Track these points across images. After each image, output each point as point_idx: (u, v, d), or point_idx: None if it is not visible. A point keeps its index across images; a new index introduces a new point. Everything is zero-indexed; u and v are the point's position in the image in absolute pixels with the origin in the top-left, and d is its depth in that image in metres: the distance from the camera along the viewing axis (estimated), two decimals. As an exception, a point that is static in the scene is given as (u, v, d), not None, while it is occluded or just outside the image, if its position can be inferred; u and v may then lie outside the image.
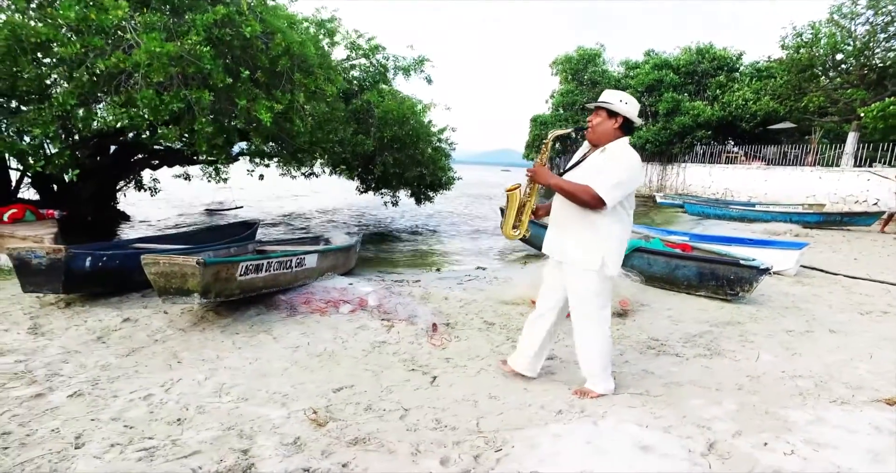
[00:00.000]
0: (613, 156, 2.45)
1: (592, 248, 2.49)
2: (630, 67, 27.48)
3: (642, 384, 2.91)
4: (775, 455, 2.12)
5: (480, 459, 2.05)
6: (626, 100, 2.49)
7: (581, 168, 2.54)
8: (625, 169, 2.40)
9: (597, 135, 2.52)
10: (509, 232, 2.75)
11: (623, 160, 2.43)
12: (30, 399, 2.52)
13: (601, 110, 2.49)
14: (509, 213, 2.74)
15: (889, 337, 3.89)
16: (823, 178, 16.15)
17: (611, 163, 2.42)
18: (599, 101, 2.51)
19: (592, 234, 2.49)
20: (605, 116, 2.48)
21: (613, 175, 2.38)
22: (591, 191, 2.36)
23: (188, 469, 1.94)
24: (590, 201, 2.38)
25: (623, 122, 2.48)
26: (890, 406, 2.66)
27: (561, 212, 2.61)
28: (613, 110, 2.46)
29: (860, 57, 16.70)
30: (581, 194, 2.39)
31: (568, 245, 2.57)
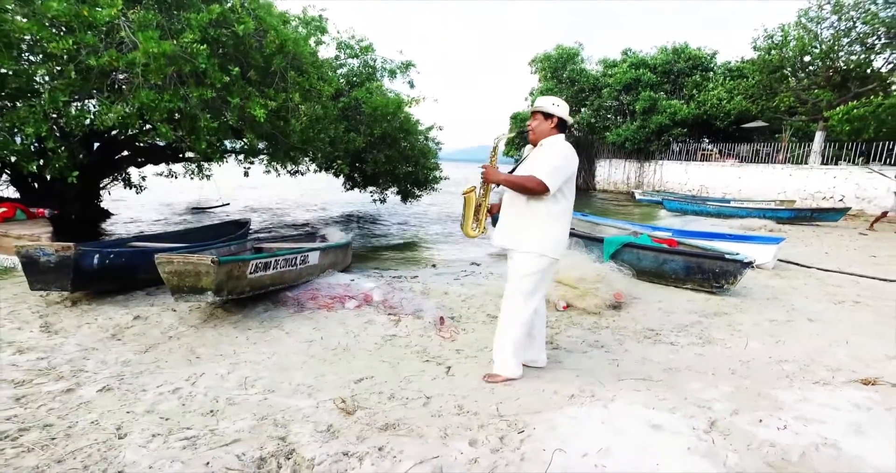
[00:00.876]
0: (548, 148, 2.74)
1: (533, 234, 2.73)
2: (608, 66, 27.93)
3: (643, 370, 3.11)
4: (770, 430, 2.34)
5: (505, 440, 2.22)
6: (558, 103, 2.78)
7: (525, 164, 2.82)
8: (560, 157, 2.68)
9: (536, 136, 2.80)
10: (469, 231, 2.94)
11: (557, 150, 2.71)
12: (61, 394, 2.59)
13: (538, 114, 2.78)
14: (467, 214, 2.93)
15: (861, 324, 4.20)
16: (793, 176, 16.80)
17: (547, 154, 2.71)
18: (535, 107, 2.79)
19: (534, 222, 2.73)
20: (542, 118, 2.78)
21: (551, 162, 2.66)
22: (535, 178, 2.63)
23: (232, 456, 2.05)
24: (535, 187, 2.64)
25: (558, 122, 2.77)
26: (866, 386, 2.92)
27: (509, 204, 2.84)
28: (547, 112, 2.75)
29: (826, 59, 17.38)
30: (527, 183, 2.65)
31: (512, 232, 2.80)
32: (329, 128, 7.12)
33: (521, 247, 2.76)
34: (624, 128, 25.28)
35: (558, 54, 27.95)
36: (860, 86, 16.92)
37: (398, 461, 2.02)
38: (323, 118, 6.94)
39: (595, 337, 3.73)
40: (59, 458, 2.01)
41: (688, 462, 2.06)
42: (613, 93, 26.26)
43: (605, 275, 4.72)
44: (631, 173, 26.35)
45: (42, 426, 2.26)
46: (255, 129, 6.19)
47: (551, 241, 2.74)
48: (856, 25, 16.89)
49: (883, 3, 16.09)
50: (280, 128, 6.40)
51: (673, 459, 2.07)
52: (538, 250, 2.72)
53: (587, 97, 27.81)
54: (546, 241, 2.73)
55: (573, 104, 28.16)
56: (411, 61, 10.63)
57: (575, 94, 27.79)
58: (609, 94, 26.50)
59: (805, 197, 16.02)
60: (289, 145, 6.88)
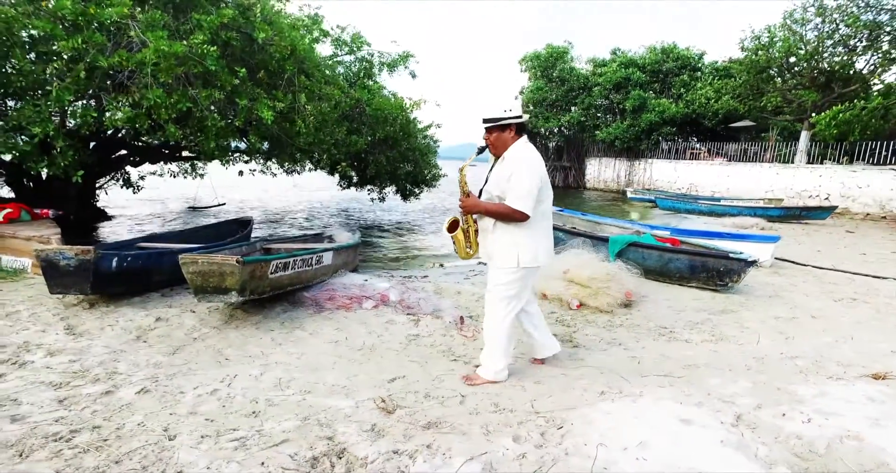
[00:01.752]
0: (511, 165, 2.67)
1: (508, 247, 2.75)
2: (597, 65, 28.16)
3: (663, 367, 3.22)
4: (795, 424, 2.45)
5: (546, 436, 2.30)
6: (508, 107, 2.70)
7: (493, 179, 2.78)
8: (528, 177, 2.62)
9: (498, 149, 2.75)
10: (466, 253, 2.94)
11: (522, 167, 2.64)
12: (101, 396, 2.61)
13: (493, 129, 2.70)
14: (460, 244, 2.94)
15: (861, 321, 4.37)
16: (780, 174, 17.16)
17: (513, 175, 2.64)
18: (488, 121, 2.70)
19: (509, 236, 2.74)
20: (498, 131, 2.71)
21: (520, 186, 2.62)
22: (510, 208, 2.62)
23: (285, 456, 2.10)
24: (515, 216, 2.64)
25: (516, 127, 2.71)
26: (876, 380, 3.06)
27: (483, 222, 2.86)
28: (503, 124, 2.69)
29: (811, 61, 17.76)
30: (509, 213, 2.64)
31: (489, 248, 2.83)
32: (334, 131, 7.14)
33: (499, 263, 2.78)
34: (614, 126, 25.54)
35: (548, 53, 28.14)
36: (843, 87, 17.32)
37: (448, 458, 2.09)
38: (329, 120, 6.96)
39: (612, 335, 3.84)
40: (116, 459, 2.04)
41: (722, 454, 2.16)
42: (604, 92, 26.52)
43: (615, 274, 4.83)
44: (621, 172, 26.63)
45: (90, 427, 2.29)
46: (261, 131, 6.19)
47: (528, 253, 2.75)
48: (839, 28, 17.28)
49: (864, 7, 16.49)
50: (286, 130, 6.41)
51: (708, 452, 2.17)
52: (513, 264, 2.75)
53: (577, 96, 28.04)
54: (523, 254, 2.74)
55: (563, 103, 28.40)
56: (409, 52, 10.60)
57: (565, 93, 28.03)
58: (599, 93, 26.75)
59: (792, 195, 16.38)
60: (294, 147, 6.89)
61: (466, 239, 2.93)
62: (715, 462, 2.08)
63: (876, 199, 14.48)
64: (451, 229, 2.93)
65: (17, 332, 3.42)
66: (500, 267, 2.78)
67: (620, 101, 25.87)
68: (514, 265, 2.74)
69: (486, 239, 2.85)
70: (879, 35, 16.31)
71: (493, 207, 2.72)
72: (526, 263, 2.75)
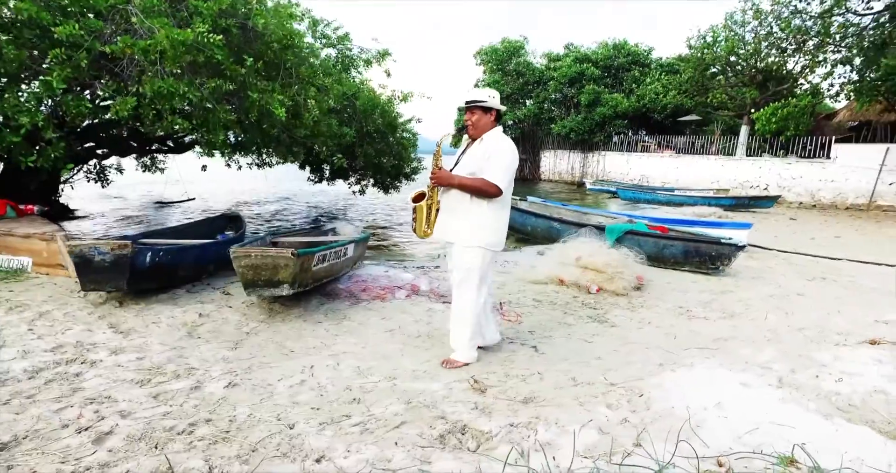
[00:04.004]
0: (492, 146, 2.83)
1: (476, 227, 2.86)
2: (552, 59, 28.94)
3: (696, 341, 3.58)
4: (829, 383, 2.85)
5: (633, 403, 2.56)
6: (493, 95, 2.88)
7: (466, 160, 2.91)
8: (508, 156, 2.80)
9: (477, 130, 2.88)
10: (424, 231, 3.04)
11: (502, 150, 2.81)
12: (192, 391, 2.62)
13: (476, 108, 2.85)
14: (420, 218, 3.03)
15: (839, 296, 4.96)
16: (725, 166, 18.46)
17: (493, 153, 2.80)
18: (473, 101, 2.85)
19: (477, 216, 2.86)
20: (481, 113, 2.85)
21: (500, 164, 2.78)
22: (488, 181, 2.75)
23: (413, 435, 2.24)
24: (490, 190, 2.76)
25: (496, 114, 2.89)
26: (873, 346, 3.55)
27: (450, 200, 2.94)
28: (487, 106, 2.85)
29: (750, 60, 19.15)
30: (483, 187, 2.76)
31: (456, 226, 2.91)
32: (331, 124, 7.11)
33: (467, 242, 2.88)
34: (569, 119, 26.41)
35: (504, 47, 28.59)
36: (777, 86, 18.84)
37: (562, 426, 2.30)
38: (328, 112, 6.94)
39: (640, 315, 4.17)
40: (250, 447, 2.10)
41: (786, 409, 2.49)
42: (558, 86, 27.33)
43: (624, 260, 5.19)
44: (575, 163, 27.61)
45: (203, 421, 2.32)
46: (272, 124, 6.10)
47: (494, 235, 2.90)
48: (773, 31, 18.71)
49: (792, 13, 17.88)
50: (290, 124, 6.35)
51: (774, 408, 2.50)
52: (483, 245, 2.88)
53: (532, 90, 28.73)
54: (490, 235, 2.88)
55: (519, 96, 29.01)
56: (388, 49, 10.61)
57: (521, 87, 28.64)
58: (554, 87, 27.55)
59: (735, 185, 17.67)
60: (293, 140, 6.81)
61: (427, 217, 3.01)
62: (784, 416, 2.41)
63: (807, 189, 15.92)
64: (417, 200, 3.03)
65: (62, 333, 3.30)
66: (472, 246, 2.87)
67: (575, 95, 26.77)
68: (484, 245, 2.86)
69: (453, 218, 2.91)
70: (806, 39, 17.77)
71: (467, 181, 2.80)
72: (494, 245, 2.91)
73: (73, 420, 2.25)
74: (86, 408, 2.36)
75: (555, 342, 3.54)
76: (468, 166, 2.88)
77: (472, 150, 2.93)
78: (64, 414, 2.30)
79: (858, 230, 10.37)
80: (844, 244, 8.32)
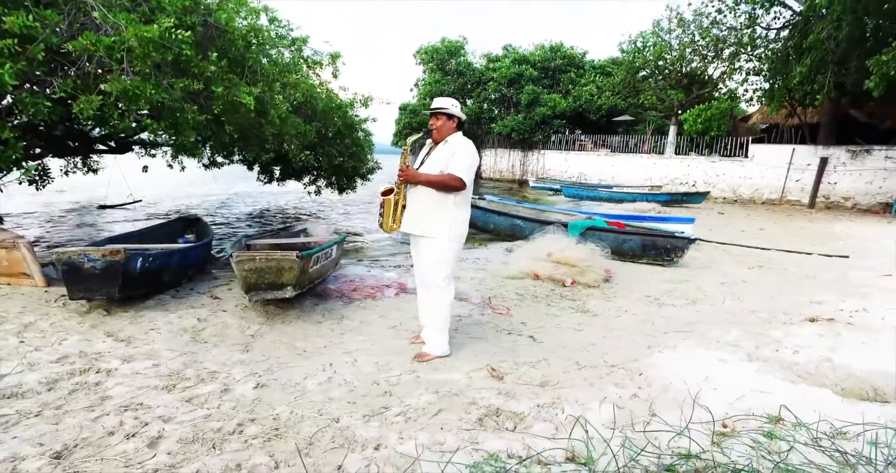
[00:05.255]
0: (456, 146, 3.07)
1: (444, 222, 3.06)
2: (491, 60, 29.62)
3: (671, 325, 4.00)
4: (788, 355, 3.33)
5: (636, 380, 2.89)
6: (455, 104, 3.16)
7: (431, 160, 3.12)
8: (470, 155, 3.06)
9: (441, 135, 3.13)
10: (390, 226, 3.21)
11: (465, 148, 3.06)
12: (222, 394, 2.66)
13: (441, 115, 3.11)
14: (388, 212, 3.21)
15: (776, 282, 5.63)
16: (657, 164, 19.81)
17: (457, 152, 3.04)
18: (440, 109, 3.11)
19: (441, 210, 3.05)
20: (445, 119, 3.11)
21: (463, 161, 3.02)
22: (455, 176, 2.98)
23: (454, 420, 2.43)
24: (456, 184, 2.99)
25: (458, 121, 3.16)
26: (812, 323, 4.13)
27: (419, 195, 3.11)
28: (450, 113, 3.12)
29: (676, 65, 20.66)
30: (449, 181, 2.99)
31: (422, 220, 3.10)
32: (298, 123, 7.05)
33: (435, 234, 3.06)
34: (510, 119, 27.19)
35: (445, 47, 28.93)
36: (700, 89, 20.47)
37: (583, 403, 2.58)
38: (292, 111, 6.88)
39: (615, 305, 4.57)
40: (306, 442, 2.21)
41: (762, 379, 2.92)
42: (498, 86, 28.05)
43: (592, 255, 5.61)
44: (516, 162, 28.48)
45: (248, 420, 2.38)
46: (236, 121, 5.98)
47: (460, 227, 3.11)
48: (695, 39, 20.29)
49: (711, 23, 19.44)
50: (256, 121, 6.25)
51: (752, 378, 2.92)
52: (450, 236, 3.07)
53: (473, 89, 29.30)
54: (456, 228, 3.08)
55: (460, 96, 29.46)
56: (339, 52, 10.58)
57: (461, 86, 29.11)
58: (494, 88, 28.24)
59: (666, 182, 19.02)
60: (261, 138, 6.70)
61: (394, 212, 3.18)
62: (761, 384, 2.83)
63: (730, 186, 17.46)
64: (385, 194, 3.24)
65: (58, 343, 3.17)
66: (440, 238, 3.05)
67: (514, 95, 27.59)
68: (451, 236, 3.05)
69: (421, 213, 3.09)
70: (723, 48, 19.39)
71: (434, 177, 3.02)
72: (459, 238, 3.11)
73: (117, 426, 2.25)
74: (123, 415, 2.35)
75: (548, 331, 3.83)
76: (434, 166, 3.08)
77: (436, 152, 3.14)
78: (104, 422, 2.28)
79: (776, 223, 11.59)
80: (768, 235, 9.31)
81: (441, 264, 3.11)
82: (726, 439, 2.22)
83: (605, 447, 2.13)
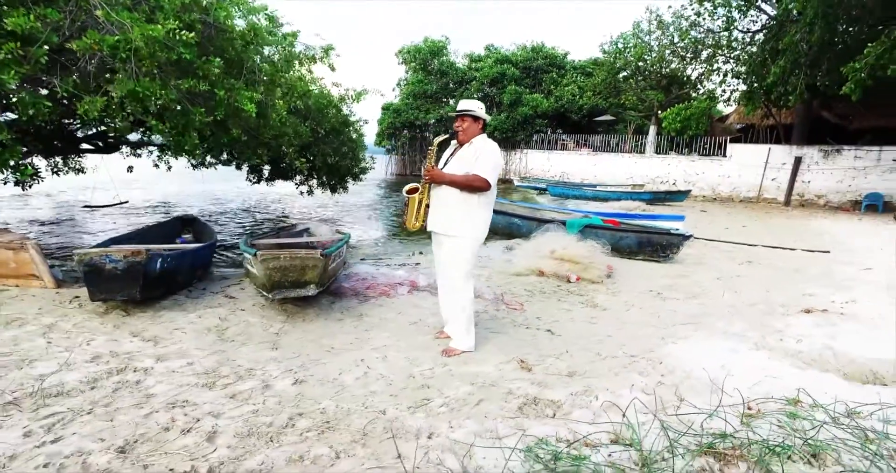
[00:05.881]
0: (481, 148, 3.15)
1: (466, 221, 3.16)
2: (473, 60, 29.80)
3: (678, 318, 4.18)
4: (792, 344, 3.54)
5: (657, 368, 3.04)
6: (481, 106, 3.25)
7: (455, 161, 3.21)
8: (494, 156, 3.15)
9: (467, 136, 3.21)
10: (413, 224, 3.33)
11: (490, 150, 3.15)
12: (264, 390, 2.71)
13: (467, 117, 3.20)
14: (412, 211, 3.32)
15: (766, 276, 5.89)
16: (638, 163, 20.26)
17: (482, 154, 3.12)
18: (466, 110, 3.19)
19: (464, 210, 3.15)
20: (471, 121, 3.20)
21: (488, 162, 3.10)
22: (480, 177, 3.06)
23: (495, 409, 2.53)
24: (482, 185, 3.07)
25: (483, 124, 3.27)
26: (808, 314, 4.36)
27: (441, 195, 3.22)
28: (476, 116, 3.22)
29: (656, 66, 21.15)
30: (474, 182, 3.07)
31: (446, 219, 3.20)
32: (296, 123, 7.05)
33: (458, 233, 3.15)
34: (493, 118, 27.39)
35: (428, 47, 29.00)
36: (679, 90, 21.01)
37: (613, 391, 2.71)
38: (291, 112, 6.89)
39: (622, 299, 4.73)
40: (360, 433, 2.29)
41: (773, 364, 3.11)
42: (480, 86, 28.23)
43: (593, 252, 5.78)
44: (498, 161, 28.68)
45: (297, 415, 2.44)
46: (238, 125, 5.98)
47: (482, 227, 3.21)
48: (675, 41, 20.81)
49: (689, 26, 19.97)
50: (255, 123, 6.25)
51: (765, 364, 3.11)
52: (472, 236, 3.17)
53: (455, 89, 29.43)
54: (478, 228, 3.18)
55: (442, 95, 29.59)
56: (331, 45, 10.52)
57: (444, 86, 29.24)
58: (476, 87, 28.41)
59: (647, 181, 19.45)
60: (259, 141, 6.70)
61: (417, 210, 3.30)
62: (774, 371, 3.02)
63: (709, 184, 17.98)
64: (411, 193, 3.35)
65: (86, 344, 3.17)
66: (463, 237, 3.15)
67: (497, 95, 27.81)
68: (473, 236, 3.16)
69: (445, 212, 3.19)
70: (701, 49, 19.93)
71: (458, 177, 3.10)
72: (480, 237, 3.22)
73: (170, 423, 2.29)
74: (172, 412, 2.39)
75: (563, 325, 3.97)
76: (458, 167, 3.17)
77: (461, 153, 3.21)
78: (156, 419, 2.32)
79: (757, 220, 12.02)
80: (751, 232, 9.67)
81: (462, 262, 3.20)
82: (754, 419, 2.39)
83: (646, 429, 2.26)
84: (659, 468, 1.98)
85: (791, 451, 2.07)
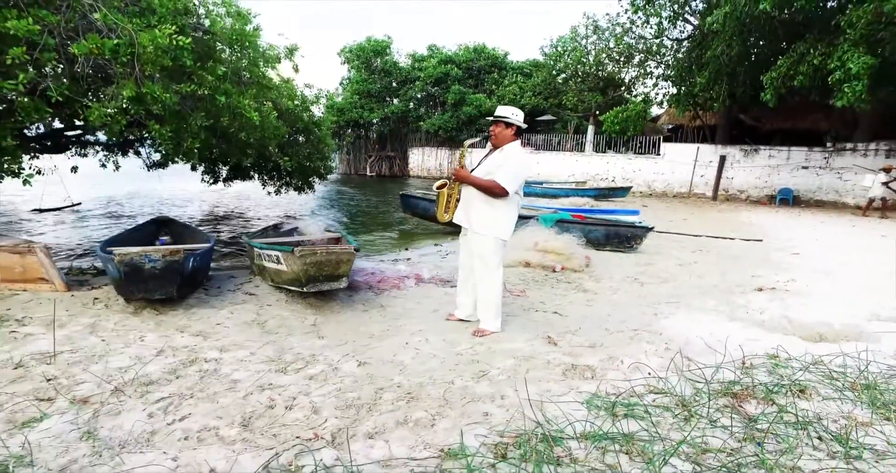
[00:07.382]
0: (509, 155, 3.41)
1: (490, 220, 3.46)
2: (416, 60, 30.11)
3: (659, 298, 4.82)
4: (756, 315, 4.25)
5: (661, 338, 3.60)
6: (516, 113, 3.43)
7: (487, 164, 3.50)
8: (518, 165, 3.39)
9: (499, 141, 3.45)
10: (443, 216, 3.70)
11: (516, 158, 3.40)
12: (334, 372, 2.99)
13: (500, 122, 3.43)
14: (441, 204, 3.68)
15: (717, 262, 6.75)
16: (578, 161, 21.49)
17: (507, 162, 3.38)
18: (501, 117, 3.42)
19: (491, 210, 3.45)
20: (504, 127, 3.42)
21: (510, 171, 3.35)
22: (498, 184, 3.32)
23: (544, 375, 2.96)
24: (497, 191, 3.35)
25: (516, 129, 3.49)
26: (760, 292, 5.15)
27: (468, 193, 3.54)
28: (509, 122, 3.43)
29: (593, 69, 22.50)
30: (492, 187, 3.35)
31: (473, 217, 3.51)
32: (279, 125, 7.14)
33: (483, 231, 3.48)
34: (437, 117, 27.90)
35: (371, 46, 28.98)
36: (615, 92, 22.51)
37: (633, 356, 3.23)
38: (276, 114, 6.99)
39: (606, 285, 5.33)
40: (443, 400, 2.64)
41: (752, 331, 3.76)
42: (424, 85, 28.63)
43: (572, 244, 6.37)
44: (443, 160, 29.23)
45: (378, 389, 2.75)
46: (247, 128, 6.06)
47: (507, 226, 3.53)
48: (608, 47, 22.23)
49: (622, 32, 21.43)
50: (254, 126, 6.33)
51: (746, 332, 3.75)
52: (497, 235, 3.50)
53: (399, 88, 29.66)
54: (503, 227, 3.51)
55: (385, 95, 29.70)
56: (296, 45, 10.53)
57: (387, 85, 29.37)
58: (420, 87, 28.79)
59: (588, 178, 20.70)
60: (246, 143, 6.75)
61: (447, 203, 3.66)
62: (750, 335, 3.66)
63: (645, 181, 19.44)
64: (440, 188, 3.76)
65: (140, 340, 3.27)
66: (484, 235, 3.47)
67: (441, 95, 28.31)
68: (497, 235, 3.49)
69: (471, 209, 3.51)
70: (633, 54, 21.43)
71: (480, 181, 3.40)
72: (503, 235, 3.59)
73: (270, 401, 2.54)
74: (265, 393, 2.64)
75: (565, 308, 4.48)
76: (486, 170, 3.54)
77: (493, 156, 3.60)
78: (256, 399, 2.56)
79: (693, 213, 13.30)
80: (692, 224, 10.77)
81: (491, 256, 3.58)
82: (750, 370, 2.98)
83: (675, 381, 2.79)
84: (695, 406, 2.50)
85: (787, 388, 2.66)
